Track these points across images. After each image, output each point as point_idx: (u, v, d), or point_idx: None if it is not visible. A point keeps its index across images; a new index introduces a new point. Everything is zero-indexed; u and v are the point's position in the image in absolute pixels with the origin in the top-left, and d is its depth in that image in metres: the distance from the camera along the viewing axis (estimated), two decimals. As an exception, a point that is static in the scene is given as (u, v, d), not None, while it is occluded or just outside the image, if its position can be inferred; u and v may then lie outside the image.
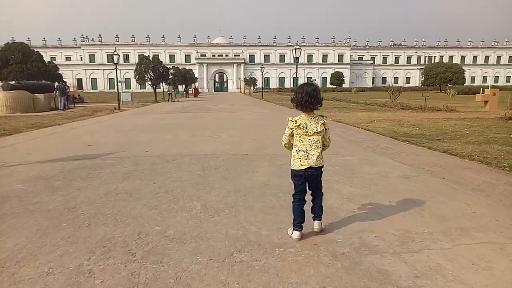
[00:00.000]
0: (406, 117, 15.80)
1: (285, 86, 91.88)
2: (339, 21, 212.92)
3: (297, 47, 22.01)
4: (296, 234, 3.03)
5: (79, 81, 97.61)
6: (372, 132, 10.58)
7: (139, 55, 57.38)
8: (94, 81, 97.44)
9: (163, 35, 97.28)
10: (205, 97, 47.47)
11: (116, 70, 22.48)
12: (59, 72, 35.21)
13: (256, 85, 77.71)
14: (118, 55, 22.27)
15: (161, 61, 37.01)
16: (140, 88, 75.27)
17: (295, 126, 3.05)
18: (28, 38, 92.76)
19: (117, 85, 22.39)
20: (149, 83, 35.21)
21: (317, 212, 3.18)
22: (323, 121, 3.10)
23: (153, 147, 7.50)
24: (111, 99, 32.28)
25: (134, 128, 11.33)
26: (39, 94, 22.62)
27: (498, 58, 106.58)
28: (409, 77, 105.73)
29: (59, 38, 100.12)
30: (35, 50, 33.40)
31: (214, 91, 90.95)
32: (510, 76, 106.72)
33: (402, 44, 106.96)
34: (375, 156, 6.55)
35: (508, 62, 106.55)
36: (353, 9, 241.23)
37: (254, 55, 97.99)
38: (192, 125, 12.38)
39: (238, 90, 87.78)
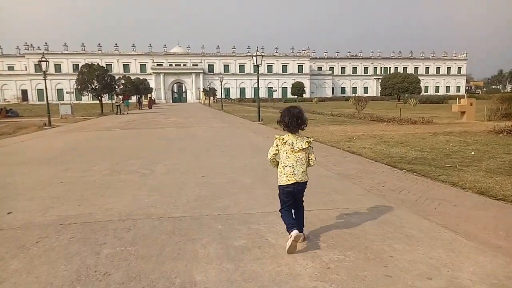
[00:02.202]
0: (385, 131, 13.71)
1: (246, 97, 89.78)
2: (298, 31, 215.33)
3: (258, 53, 19.57)
4: (294, 231, 3.04)
5: (24, 92, 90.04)
6: (360, 156, 8.19)
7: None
8: (41, 92, 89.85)
9: (116, 44, 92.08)
10: (160, 109, 43.91)
11: (45, 80, 18.91)
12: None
13: (216, 95, 74.91)
14: (47, 61, 18.68)
15: (107, 70, 33.25)
16: (92, 100, 70.05)
17: (282, 143, 3.17)
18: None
19: (46, 97, 18.76)
20: (93, 93, 31.33)
21: (300, 225, 3.20)
22: (308, 140, 3.24)
23: (30, 201, 4.51)
24: (55, 112, 28.22)
25: (36, 157, 8.14)
26: None
27: (448, 68, 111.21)
28: (367, 87, 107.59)
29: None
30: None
31: (172, 102, 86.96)
32: (460, 86, 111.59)
33: (359, 55, 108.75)
34: (396, 212, 4.01)
35: (457, 73, 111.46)
36: (312, 19, 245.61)
37: (213, 65, 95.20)
38: (125, 149, 9.41)
39: (198, 100, 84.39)
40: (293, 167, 3.10)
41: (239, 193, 4.79)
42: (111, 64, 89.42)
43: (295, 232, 2.99)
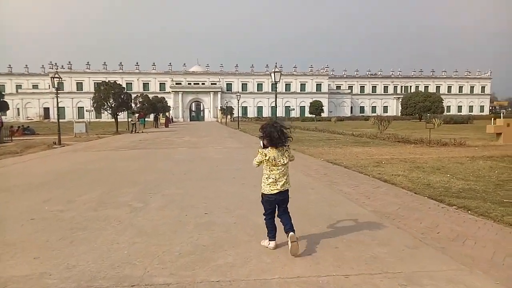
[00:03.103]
0: (415, 155, 12.40)
1: (263, 115, 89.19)
2: (317, 50, 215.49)
3: (277, 70, 18.70)
4: (272, 243, 3.50)
5: (46, 110, 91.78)
6: (394, 186, 6.95)
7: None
8: (62, 110, 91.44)
9: (137, 63, 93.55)
10: (177, 127, 43.48)
11: (57, 97, 18.50)
12: (4, 100, 30.60)
13: (233, 114, 74.53)
14: (60, 77, 18.30)
15: (124, 87, 32.99)
16: (112, 118, 70.66)
17: (264, 159, 3.41)
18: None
19: (58, 116, 18.28)
20: (109, 111, 31.00)
21: (291, 227, 3.42)
22: (288, 152, 3.49)
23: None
24: (71, 130, 28.14)
25: (24, 183, 7.21)
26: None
27: (472, 88, 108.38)
28: (387, 106, 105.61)
29: (26, 65, 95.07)
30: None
31: (190, 120, 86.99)
32: (484, 106, 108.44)
33: (379, 73, 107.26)
34: (471, 281, 2.80)
35: (481, 92, 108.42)
36: (331, 37, 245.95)
37: (231, 83, 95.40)
38: (125, 172, 8.44)
39: (215, 119, 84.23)
40: (275, 179, 3.42)
41: (249, 241, 3.66)
42: (131, 83, 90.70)
43: (272, 244, 3.47)
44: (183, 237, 3.78)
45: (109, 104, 30.51)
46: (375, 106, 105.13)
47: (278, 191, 3.39)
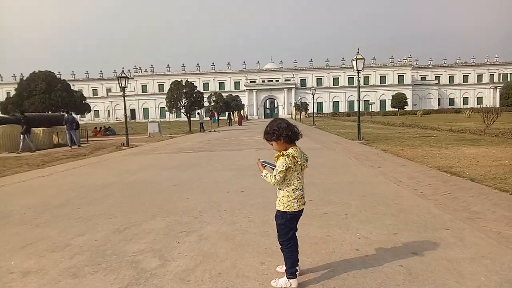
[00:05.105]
0: None
1: (340, 110, 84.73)
2: (398, 40, 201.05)
3: (359, 56, 15.78)
4: (295, 283, 2.63)
5: (132, 111, 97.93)
6: None
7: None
8: (146, 111, 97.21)
9: (213, 63, 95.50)
10: (250, 125, 42.21)
11: (124, 97, 17.93)
12: (85, 102, 31.87)
13: (308, 110, 71.77)
14: (127, 77, 17.66)
15: (195, 86, 32.36)
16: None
17: (295, 163, 2.63)
18: (72, 72, 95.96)
19: (125, 116, 17.65)
20: (182, 111, 30.58)
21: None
22: (306, 155, 2.76)
23: None
24: (146, 130, 28.33)
25: (34, 205, 5.64)
26: (37, 129, 18.43)
27: None
28: (481, 97, 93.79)
29: (114, 70, 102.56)
30: (61, 79, 30.29)
31: (265, 118, 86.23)
32: None
33: (471, 61, 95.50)
34: None
35: None
36: (413, 26, 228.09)
37: (305, 79, 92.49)
38: (165, 189, 6.58)
39: (289, 116, 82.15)
40: (302, 190, 2.74)
41: None
42: (208, 83, 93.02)
43: (295, 283, 2.61)
44: None
45: (181, 103, 30.10)
46: (467, 97, 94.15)
47: (303, 205, 2.72)
